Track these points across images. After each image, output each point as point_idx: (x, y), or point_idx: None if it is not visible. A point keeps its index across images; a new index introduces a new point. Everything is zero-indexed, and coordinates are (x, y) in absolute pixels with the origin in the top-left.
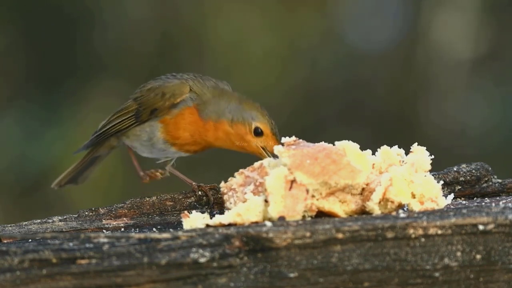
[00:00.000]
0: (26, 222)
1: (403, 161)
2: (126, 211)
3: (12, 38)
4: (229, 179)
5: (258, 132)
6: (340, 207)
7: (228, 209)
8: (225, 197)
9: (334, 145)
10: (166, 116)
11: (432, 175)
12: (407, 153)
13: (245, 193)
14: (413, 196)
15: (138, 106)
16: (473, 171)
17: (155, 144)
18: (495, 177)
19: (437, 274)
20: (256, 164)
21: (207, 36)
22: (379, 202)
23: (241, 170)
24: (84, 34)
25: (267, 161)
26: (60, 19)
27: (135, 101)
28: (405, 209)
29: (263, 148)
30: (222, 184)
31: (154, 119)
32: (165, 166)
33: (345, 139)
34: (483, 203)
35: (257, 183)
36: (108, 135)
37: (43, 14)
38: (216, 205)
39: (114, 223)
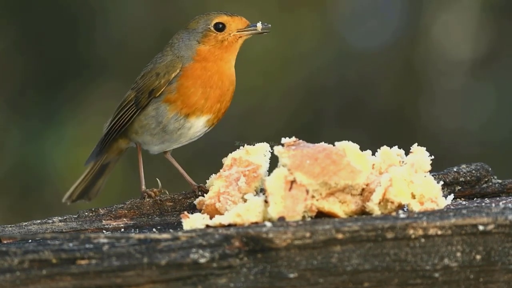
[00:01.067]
0: (26, 223)
1: (403, 162)
2: (126, 211)
3: (12, 39)
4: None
5: (219, 27)
6: (340, 207)
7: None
8: (217, 205)
9: (334, 145)
10: (168, 95)
11: (432, 175)
12: (407, 154)
13: (239, 186)
14: (413, 196)
15: (136, 93)
16: (473, 171)
17: (166, 126)
18: (495, 177)
19: (437, 275)
20: (227, 160)
21: None
22: (379, 203)
23: (216, 175)
24: (85, 36)
25: (236, 153)
26: (60, 20)
27: (133, 90)
28: (405, 209)
29: (239, 31)
30: (197, 201)
31: (155, 102)
32: (164, 155)
33: (345, 140)
34: (483, 204)
35: (246, 172)
36: (115, 132)
37: (43, 15)
38: None
39: (114, 223)
